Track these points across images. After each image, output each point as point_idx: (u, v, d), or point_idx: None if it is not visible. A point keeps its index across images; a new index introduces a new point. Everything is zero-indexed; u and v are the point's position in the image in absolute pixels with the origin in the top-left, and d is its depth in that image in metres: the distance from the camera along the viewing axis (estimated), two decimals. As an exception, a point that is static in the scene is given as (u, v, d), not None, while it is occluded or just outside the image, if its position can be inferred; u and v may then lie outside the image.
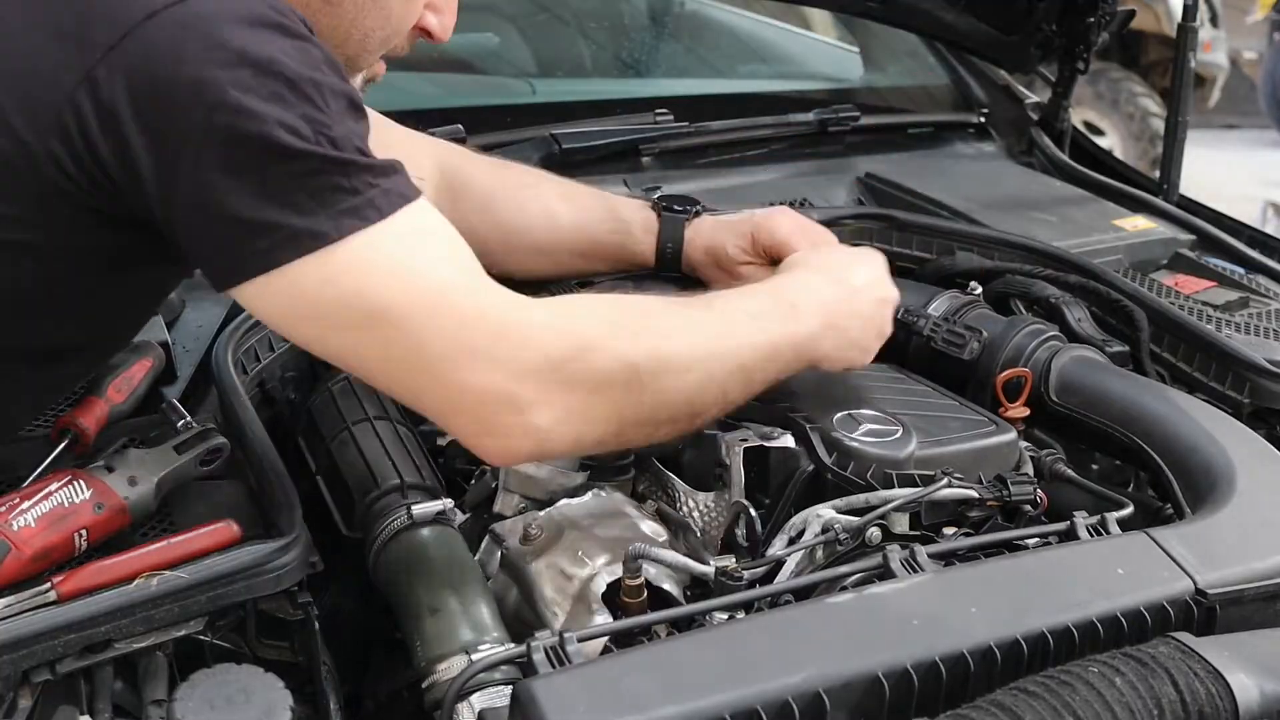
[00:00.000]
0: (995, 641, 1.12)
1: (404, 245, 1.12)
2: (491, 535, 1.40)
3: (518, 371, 1.13)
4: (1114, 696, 1.04)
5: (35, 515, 1.15)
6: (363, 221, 1.10)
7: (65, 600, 1.11)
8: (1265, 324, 1.84)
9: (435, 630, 1.22)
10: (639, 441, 1.30)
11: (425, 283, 1.13)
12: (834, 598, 1.19)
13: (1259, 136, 7.71)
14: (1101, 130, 6.37)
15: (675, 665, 1.07)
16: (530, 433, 1.15)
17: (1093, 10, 2.26)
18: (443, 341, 1.12)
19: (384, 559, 1.31)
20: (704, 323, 1.29)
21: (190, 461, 1.28)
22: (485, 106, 2.45)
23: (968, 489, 1.35)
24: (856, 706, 1.07)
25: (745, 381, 1.30)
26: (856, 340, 1.44)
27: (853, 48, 2.95)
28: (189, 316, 1.68)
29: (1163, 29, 6.44)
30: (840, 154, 2.45)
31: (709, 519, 1.43)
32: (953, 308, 1.73)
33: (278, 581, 1.16)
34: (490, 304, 1.16)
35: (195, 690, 1.11)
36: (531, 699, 1.01)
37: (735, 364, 1.28)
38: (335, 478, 1.44)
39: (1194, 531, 1.30)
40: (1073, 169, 2.43)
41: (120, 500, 1.21)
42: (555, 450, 1.25)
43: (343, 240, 1.09)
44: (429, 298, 1.12)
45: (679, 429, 1.29)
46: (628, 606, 1.24)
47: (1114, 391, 1.58)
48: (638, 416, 1.22)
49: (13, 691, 1.10)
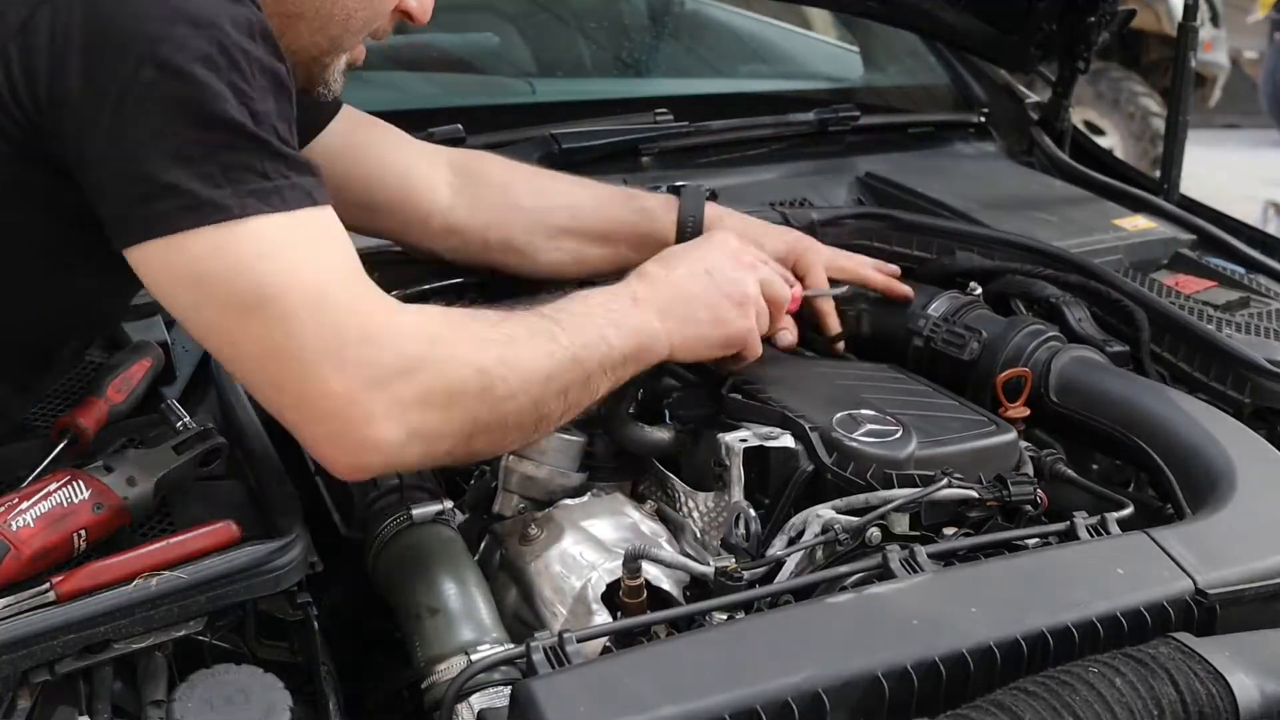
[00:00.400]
0: (995, 641, 1.12)
1: (299, 240, 1.13)
2: (491, 536, 1.40)
3: (374, 378, 1.13)
4: (1114, 697, 1.04)
5: (34, 515, 1.15)
6: (267, 207, 1.11)
7: (64, 600, 1.11)
8: (1266, 324, 1.84)
9: (434, 630, 1.22)
10: (487, 451, 1.29)
11: (311, 279, 1.13)
12: (834, 598, 1.19)
13: (1259, 136, 7.71)
14: (1102, 130, 6.37)
15: (675, 665, 1.07)
16: (379, 447, 1.14)
17: (1093, 10, 2.26)
18: (314, 337, 1.12)
19: (383, 559, 1.31)
20: (550, 332, 1.28)
21: (190, 462, 1.28)
22: (485, 106, 2.45)
23: (968, 489, 1.35)
24: (856, 706, 1.07)
25: (588, 387, 1.30)
26: (704, 348, 1.43)
27: (853, 48, 2.95)
28: (189, 317, 1.68)
29: (1163, 28, 6.44)
30: (840, 154, 2.45)
31: (709, 519, 1.42)
32: (952, 308, 1.73)
33: (277, 582, 1.16)
34: (366, 308, 1.16)
35: (194, 690, 1.11)
36: (531, 699, 1.01)
37: (580, 371, 1.28)
38: (335, 478, 1.44)
39: (1194, 531, 1.30)
40: (1073, 169, 2.43)
41: (119, 500, 1.21)
42: (404, 464, 1.24)
43: (243, 220, 1.10)
44: (311, 294, 1.12)
45: (525, 437, 1.29)
46: (627, 607, 1.24)
47: (1114, 392, 1.57)
48: (488, 424, 1.21)
49: (12, 692, 1.10)
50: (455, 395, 1.17)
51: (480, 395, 1.19)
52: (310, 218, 1.14)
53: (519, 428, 1.25)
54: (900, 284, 1.77)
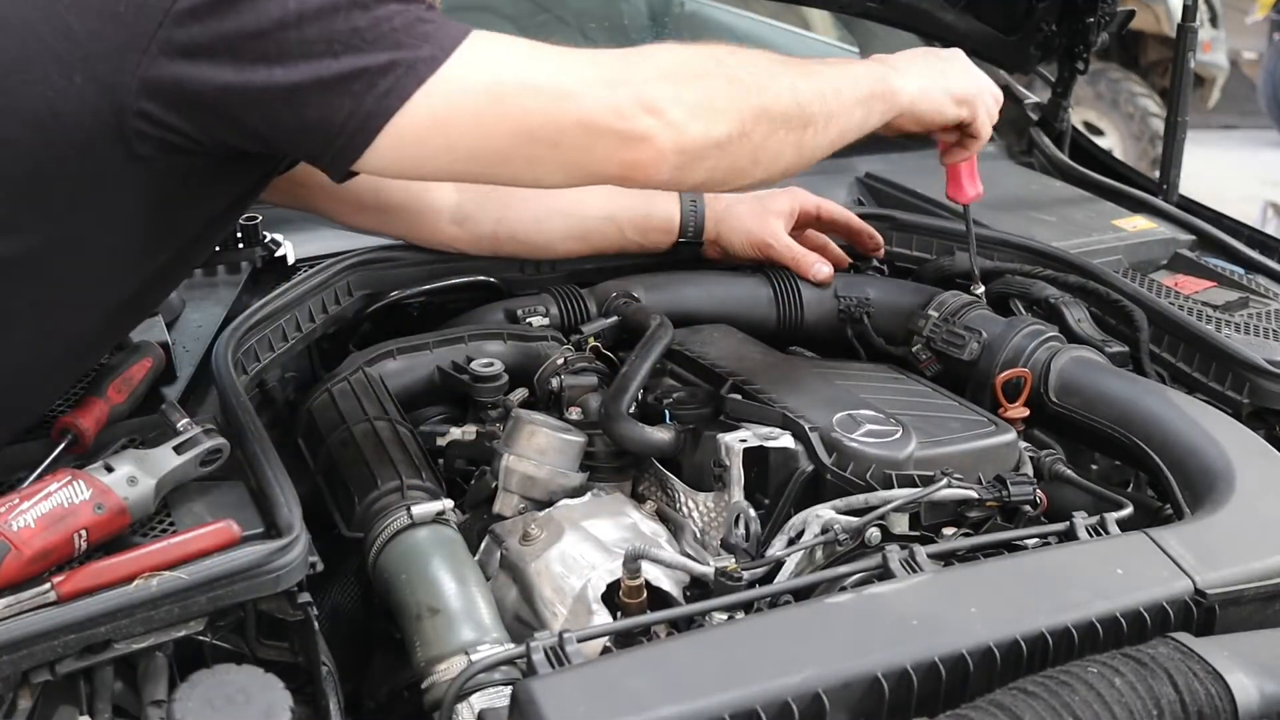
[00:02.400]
0: (995, 641, 1.12)
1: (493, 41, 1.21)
2: (491, 535, 1.40)
3: (647, 77, 1.22)
4: (1113, 697, 1.04)
5: (35, 516, 1.15)
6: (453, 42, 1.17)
7: (65, 601, 1.10)
8: (1265, 324, 1.84)
9: (435, 630, 1.22)
10: (760, 139, 1.30)
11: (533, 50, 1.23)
12: (833, 598, 1.19)
13: (1259, 136, 7.71)
14: (1101, 130, 6.37)
15: (675, 665, 1.07)
16: (668, 128, 1.21)
17: (1092, 10, 2.26)
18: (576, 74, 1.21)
19: (384, 559, 1.31)
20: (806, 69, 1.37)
21: (190, 462, 1.28)
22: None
23: (967, 489, 1.35)
24: (856, 706, 1.07)
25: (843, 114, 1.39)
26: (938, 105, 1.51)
27: (853, 48, 2.95)
28: (189, 316, 1.69)
29: (1162, 29, 6.44)
30: (840, 153, 2.43)
31: (708, 519, 1.43)
32: (952, 307, 1.73)
33: (277, 582, 1.16)
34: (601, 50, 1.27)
35: (195, 691, 1.11)
36: (531, 699, 1.01)
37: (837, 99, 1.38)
38: (335, 478, 1.44)
39: (1193, 531, 1.30)
40: (1072, 169, 2.43)
41: (119, 501, 1.20)
42: (693, 145, 1.25)
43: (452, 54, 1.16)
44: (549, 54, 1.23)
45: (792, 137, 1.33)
46: (627, 607, 1.24)
47: (1113, 392, 1.58)
48: (757, 110, 1.28)
49: (12, 692, 1.10)
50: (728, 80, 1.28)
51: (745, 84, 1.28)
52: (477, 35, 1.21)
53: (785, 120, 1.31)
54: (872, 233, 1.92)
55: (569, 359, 1.61)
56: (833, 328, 1.84)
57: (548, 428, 1.43)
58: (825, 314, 1.85)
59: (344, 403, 1.50)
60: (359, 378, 1.53)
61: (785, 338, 1.82)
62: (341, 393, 1.52)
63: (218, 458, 1.30)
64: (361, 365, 1.55)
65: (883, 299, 1.82)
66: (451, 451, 1.53)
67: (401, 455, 1.42)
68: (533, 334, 1.69)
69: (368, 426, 1.46)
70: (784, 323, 1.84)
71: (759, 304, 1.84)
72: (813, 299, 1.84)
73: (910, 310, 1.77)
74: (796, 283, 1.84)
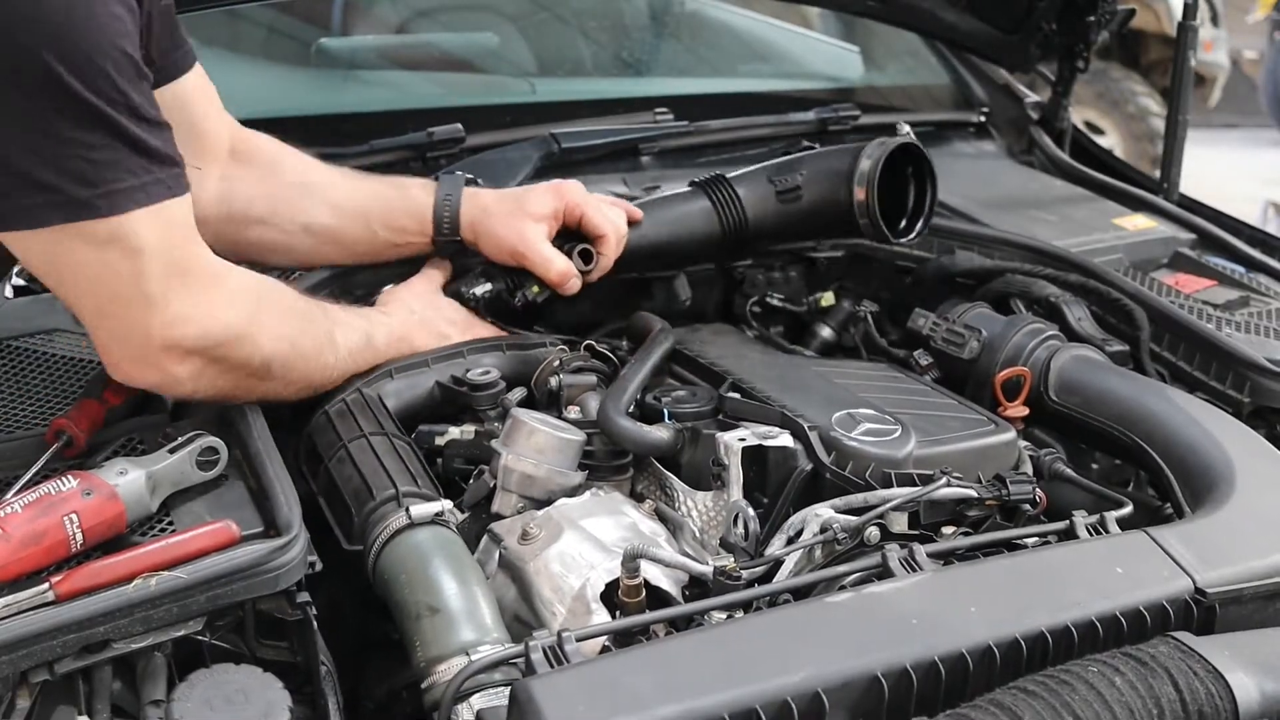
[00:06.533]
0: (994, 641, 1.12)
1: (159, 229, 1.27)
2: (490, 535, 1.40)
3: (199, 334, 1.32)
4: (1114, 696, 1.04)
5: (22, 503, 1.16)
6: (133, 205, 1.24)
7: (63, 600, 1.10)
8: (1266, 323, 1.84)
9: (434, 631, 1.22)
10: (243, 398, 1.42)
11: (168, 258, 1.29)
12: (832, 597, 1.19)
13: (1259, 136, 7.71)
14: (1102, 129, 6.36)
15: (674, 664, 1.07)
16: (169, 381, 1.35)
17: (1092, 9, 2.26)
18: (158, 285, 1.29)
19: (383, 559, 1.31)
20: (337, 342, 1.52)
21: (184, 459, 1.27)
22: (485, 106, 2.45)
23: (967, 488, 1.35)
24: (855, 706, 1.07)
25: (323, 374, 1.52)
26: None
27: (853, 47, 2.95)
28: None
29: (1163, 28, 6.44)
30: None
31: (707, 518, 1.42)
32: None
33: (276, 581, 1.16)
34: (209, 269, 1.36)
35: (194, 690, 1.11)
36: (529, 698, 1.01)
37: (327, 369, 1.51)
38: (335, 495, 1.44)
39: (1193, 530, 1.30)
40: (1073, 168, 2.43)
41: (108, 486, 1.20)
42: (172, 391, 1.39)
43: (111, 217, 1.23)
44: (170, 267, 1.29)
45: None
46: (626, 606, 1.24)
47: (1113, 391, 1.57)
48: (236, 398, 1.41)
49: (11, 692, 1.10)
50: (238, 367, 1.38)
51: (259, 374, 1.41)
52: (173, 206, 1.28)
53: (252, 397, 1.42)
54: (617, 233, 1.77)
55: (566, 359, 1.61)
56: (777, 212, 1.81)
57: (546, 427, 1.43)
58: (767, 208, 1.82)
59: (341, 423, 1.49)
60: (356, 398, 1.53)
61: (734, 242, 1.81)
62: (338, 414, 1.51)
63: (215, 458, 1.30)
64: (359, 386, 1.55)
65: (813, 173, 1.80)
66: (450, 451, 1.53)
67: (397, 466, 1.41)
68: (530, 343, 1.69)
69: (363, 442, 1.45)
70: (729, 230, 1.81)
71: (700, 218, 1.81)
72: (750, 197, 1.81)
73: (843, 174, 1.75)
74: (732, 189, 1.81)
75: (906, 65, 2.84)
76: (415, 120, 2.12)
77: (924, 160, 1.77)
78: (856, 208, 1.73)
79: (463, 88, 2.66)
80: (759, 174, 1.83)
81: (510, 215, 1.71)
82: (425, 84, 2.64)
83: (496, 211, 1.72)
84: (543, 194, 1.73)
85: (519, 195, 1.74)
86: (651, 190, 2.07)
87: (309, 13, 2.61)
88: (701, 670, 1.06)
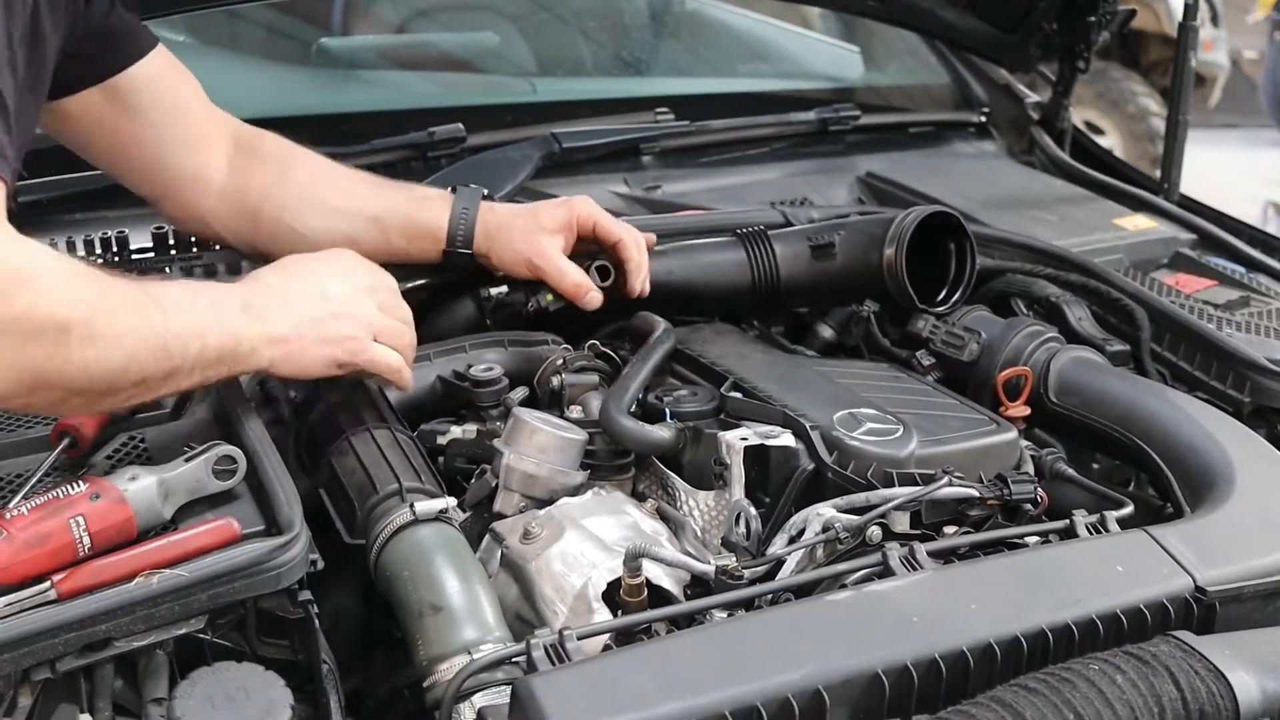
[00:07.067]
0: (995, 639, 1.12)
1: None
2: (492, 534, 1.40)
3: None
4: (1115, 694, 1.04)
5: (29, 506, 1.16)
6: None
7: (65, 598, 1.10)
8: (1266, 323, 1.84)
9: (437, 629, 1.22)
10: (43, 408, 1.28)
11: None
12: (834, 595, 1.19)
13: (1259, 136, 7.71)
14: (1102, 130, 6.37)
15: (675, 663, 1.07)
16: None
17: (1093, 9, 2.26)
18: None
19: (386, 556, 1.31)
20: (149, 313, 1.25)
21: (199, 466, 1.26)
22: (486, 106, 2.46)
23: (968, 488, 1.35)
24: (856, 704, 1.07)
25: (171, 379, 1.27)
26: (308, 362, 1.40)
27: (853, 48, 2.95)
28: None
29: (1163, 29, 6.45)
30: (841, 153, 2.45)
31: (709, 518, 1.43)
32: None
33: (278, 580, 1.16)
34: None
35: (195, 688, 1.11)
36: (531, 696, 1.01)
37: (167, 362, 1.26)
38: (337, 488, 1.43)
39: (1193, 529, 1.30)
40: (1073, 168, 2.44)
41: (118, 491, 1.19)
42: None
43: None
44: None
45: (88, 405, 1.25)
46: (628, 605, 1.24)
47: (1113, 392, 1.58)
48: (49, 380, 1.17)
49: (13, 690, 1.10)
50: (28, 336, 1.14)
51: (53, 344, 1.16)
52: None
53: (82, 394, 1.21)
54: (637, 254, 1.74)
55: (569, 358, 1.61)
56: (810, 270, 1.79)
57: (548, 426, 1.43)
58: (800, 265, 1.79)
59: (343, 415, 1.49)
60: (358, 390, 1.53)
61: (765, 296, 1.78)
62: (339, 406, 1.51)
63: (233, 468, 1.27)
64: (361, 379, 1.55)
65: (851, 233, 1.78)
66: (452, 450, 1.53)
67: (400, 460, 1.41)
68: (533, 340, 1.69)
69: (366, 434, 1.45)
70: (759, 281, 1.78)
71: (732, 266, 1.79)
72: (786, 253, 1.78)
73: (877, 236, 1.73)
74: (769, 242, 1.79)
75: (907, 65, 2.85)
76: (416, 120, 2.13)
77: (965, 235, 1.75)
78: (886, 269, 1.71)
79: (463, 87, 2.67)
80: (798, 232, 1.82)
81: (525, 229, 1.72)
82: (426, 84, 2.64)
83: (512, 226, 1.73)
84: (555, 208, 1.74)
85: (533, 210, 1.75)
86: (652, 190, 2.07)
87: (309, 13, 2.62)
88: (703, 668, 1.06)
